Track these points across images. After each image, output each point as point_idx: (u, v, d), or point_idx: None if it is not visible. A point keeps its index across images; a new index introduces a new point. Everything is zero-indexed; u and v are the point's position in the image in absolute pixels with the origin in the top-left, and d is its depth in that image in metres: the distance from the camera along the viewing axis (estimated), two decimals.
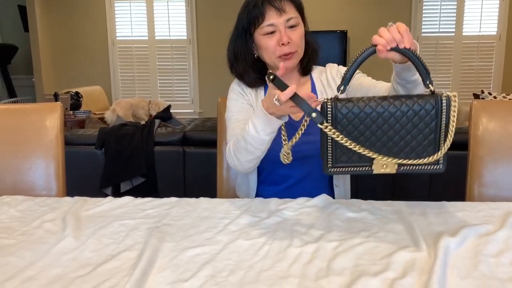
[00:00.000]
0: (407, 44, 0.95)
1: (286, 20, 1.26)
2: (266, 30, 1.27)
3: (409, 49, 0.96)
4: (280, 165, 1.32)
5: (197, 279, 0.77)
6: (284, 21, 1.26)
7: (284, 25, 1.26)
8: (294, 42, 1.27)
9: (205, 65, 5.97)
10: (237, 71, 1.38)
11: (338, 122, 0.98)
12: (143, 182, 2.57)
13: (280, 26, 1.26)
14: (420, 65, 0.97)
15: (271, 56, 1.30)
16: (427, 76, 0.97)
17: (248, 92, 1.39)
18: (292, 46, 1.27)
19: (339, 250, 0.87)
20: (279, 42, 1.26)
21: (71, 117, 4.38)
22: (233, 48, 1.36)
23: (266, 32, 1.27)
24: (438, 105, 0.94)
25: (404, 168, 0.97)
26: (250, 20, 1.29)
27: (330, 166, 1.01)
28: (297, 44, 1.28)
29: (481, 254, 0.84)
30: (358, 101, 0.97)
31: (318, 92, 1.38)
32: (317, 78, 1.41)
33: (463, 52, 5.70)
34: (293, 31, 1.27)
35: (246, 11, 1.30)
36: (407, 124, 0.96)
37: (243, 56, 1.35)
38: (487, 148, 1.35)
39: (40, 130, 1.45)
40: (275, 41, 1.27)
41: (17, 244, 0.93)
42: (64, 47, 6.04)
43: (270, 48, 1.28)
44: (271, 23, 1.26)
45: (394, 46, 0.96)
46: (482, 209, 1.07)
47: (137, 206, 1.15)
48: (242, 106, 1.36)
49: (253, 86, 1.39)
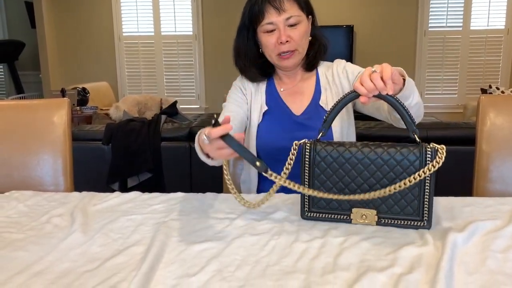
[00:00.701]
0: (390, 91, 0.92)
1: (286, 19, 1.26)
2: (266, 28, 1.28)
3: (394, 97, 0.93)
4: (280, 161, 1.32)
5: (204, 274, 0.77)
6: (283, 20, 1.26)
7: (283, 23, 1.26)
8: (293, 41, 1.27)
9: (211, 61, 5.97)
10: (239, 65, 1.40)
11: (316, 165, 0.97)
12: (149, 177, 2.58)
13: (280, 24, 1.26)
14: (404, 113, 0.93)
15: (271, 53, 1.31)
16: (412, 125, 0.93)
17: (249, 88, 1.41)
18: (292, 44, 1.27)
19: (345, 245, 0.87)
20: (278, 40, 1.27)
21: (78, 113, 4.40)
22: (236, 43, 1.38)
23: (266, 30, 1.28)
24: (422, 157, 0.91)
25: (385, 221, 0.94)
26: (251, 17, 1.30)
27: (306, 211, 1.00)
28: (297, 43, 1.28)
29: (488, 249, 0.83)
30: (338, 145, 0.96)
31: (322, 87, 1.38)
32: (322, 73, 1.40)
33: (470, 47, 5.65)
34: (293, 30, 1.27)
35: (248, 7, 1.31)
36: (388, 173, 0.93)
37: (244, 51, 1.37)
38: (494, 143, 1.35)
39: (47, 126, 1.46)
40: (275, 39, 1.27)
41: (25, 238, 0.94)
42: (70, 43, 6.06)
43: (270, 46, 1.29)
44: (271, 21, 1.26)
45: (376, 94, 0.93)
46: (490, 204, 1.07)
47: (144, 201, 1.16)
48: (237, 99, 1.40)
49: (254, 81, 1.41)
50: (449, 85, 5.79)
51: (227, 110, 1.38)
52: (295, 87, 1.40)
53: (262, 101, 1.39)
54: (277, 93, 1.40)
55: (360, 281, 0.73)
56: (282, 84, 1.41)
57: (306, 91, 1.39)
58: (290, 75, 1.40)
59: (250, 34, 1.34)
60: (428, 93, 5.82)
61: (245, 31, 1.34)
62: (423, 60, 5.71)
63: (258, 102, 1.39)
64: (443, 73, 5.76)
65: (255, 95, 1.40)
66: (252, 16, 1.29)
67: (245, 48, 1.36)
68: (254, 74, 1.39)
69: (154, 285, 0.74)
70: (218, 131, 0.83)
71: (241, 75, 1.43)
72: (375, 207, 0.95)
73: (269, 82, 1.42)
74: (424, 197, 0.92)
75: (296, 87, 1.40)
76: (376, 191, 0.91)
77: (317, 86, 1.39)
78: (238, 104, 1.39)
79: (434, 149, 0.91)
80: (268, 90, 1.41)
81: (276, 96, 1.40)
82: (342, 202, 0.97)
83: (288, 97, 1.39)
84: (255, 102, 1.39)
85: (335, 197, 0.92)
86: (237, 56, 1.39)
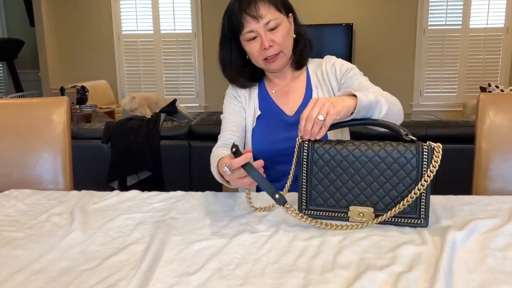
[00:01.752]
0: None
1: (265, 24, 1.25)
2: (247, 37, 1.28)
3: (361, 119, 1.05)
4: (279, 162, 1.32)
5: (203, 272, 0.77)
6: (262, 26, 1.25)
7: (263, 29, 1.26)
8: (277, 44, 1.27)
9: (210, 59, 5.96)
10: (227, 76, 1.41)
11: (314, 163, 0.97)
12: (149, 176, 2.58)
13: (260, 31, 1.26)
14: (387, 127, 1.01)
15: (257, 59, 1.31)
16: (399, 130, 0.96)
17: (242, 94, 1.42)
18: (275, 48, 1.28)
19: (344, 243, 0.87)
20: (262, 46, 1.26)
21: (77, 111, 4.39)
22: (221, 55, 1.38)
23: (248, 38, 1.28)
24: (419, 154, 0.91)
25: (382, 219, 0.94)
26: (231, 28, 1.29)
27: (304, 208, 1.00)
28: (281, 45, 1.28)
29: (488, 247, 0.83)
30: (336, 143, 0.97)
31: (313, 86, 1.37)
32: (313, 71, 1.40)
33: (470, 45, 5.65)
34: (274, 33, 1.27)
35: (226, 19, 1.30)
36: (385, 171, 0.93)
37: (229, 62, 1.37)
38: (494, 141, 1.35)
39: (47, 124, 1.46)
40: (258, 45, 1.27)
41: (25, 237, 0.94)
42: (70, 41, 6.05)
43: (255, 52, 1.29)
44: (251, 30, 1.26)
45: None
46: (489, 202, 1.07)
47: (143, 199, 1.16)
48: (234, 109, 1.41)
49: (245, 87, 1.42)
50: (449, 83, 5.79)
51: (226, 122, 1.38)
52: (286, 87, 1.40)
53: (255, 106, 1.39)
54: (268, 96, 1.40)
55: (360, 279, 0.73)
56: (273, 86, 1.41)
57: (297, 90, 1.39)
58: (279, 76, 1.40)
59: (233, 44, 1.34)
60: (428, 92, 5.82)
61: (228, 43, 1.35)
62: (422, 58, 5.71)
63: (252, 107, 1.39)
64: (443, 71, 5.76)
65: (248, 101, 1.41)
66: (231, 27, 1.29)
67: (229, 59, 1.36)
68: (243, 82, 1.40)
69: (154, 283, 0.74)
70: (239, 162, 0.91)
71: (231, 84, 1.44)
72: (372, 205, 0.95)
73: (260, 86, 1.42)
74: (421, 195, 0.92)
75: (287, 87, 1.40)
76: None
77: (308, 84, 1.38)
78: (236, 113, 1.40)
79: (431, 147, 0.91)
80: (260, 94, 1.41)
81: (268, 99, 1.40)
82: (340, 200, 0.97)
83: (280, 98, 1.39)
84: (248, 108, 1.40)
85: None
86: (223, 68, 1.40)
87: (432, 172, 0.90)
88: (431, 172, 0.90)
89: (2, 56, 6.20)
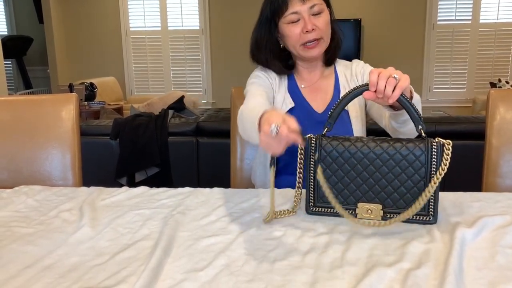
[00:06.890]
0: (391, 101, 0.92)
1: (310, 7, 1.25)
2: (290, 19, 1.27)
3: (402, 95, 0.93)
4: (297, 156, 1.32)
5: (212, 268, 0.77)
6: (307, 8, 1.25)
7: (308, 12, 1.25)
8: (319, 29, 1.27)
9: (218, 55, 5.97)
10: (260, 60, 1.38)
11: (322, 159, 0.97)
12: (157, 172, 2.59)
13: (304, 13, 1.25)
14: (412, 110, 0.94)
15: (295, 44, 1.29)
16: (419, 121, 0.93)
17: (273, 77, 1.39)
18: (317, 33, 1.27)
19: (352, 240, 0.86)
20: (304, 29, 1.26)
21: (86, 108, 4.42)
22: (256, 37, 1.36)
23: (290, 20, 1.27)
24: (428, 151, 0.90)
25: (390, 216, 0.93)
26: (274, 9, 1.28)
27: (311, 205, 0.99)
28: (323, 31, 1.28)
29: (498, 245, 0.83)
30: (344, 140, 0.96)
31: (341, 86, 1.37)
32: (341, 72, 1.40)
33: (480, 40, 5.59)
34: (317, 18, 1.27)
35: (269, 0, 1.29)
36: (393, 168, 0.92)
37: (266, 45, 1.35)
38: (504, 137, 1.33)
39: (56, 121, 1.47)
40: (300, 28, 1.26)
41: (35, 233, 0.95)
42: (78, 38, 6.08)
43: (295, 36, 1.28)
44: (295, 11, 1.26)
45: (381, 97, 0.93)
46: (499, 199, 1.06)
47: (152, 196, 1.16)
48: (261, 83, 1.35)
49: (280, 73, 1.39)
50: (458, 79, 5.74)
51: (258, 85, 1.31)
52: (315, 84, 1.39)
53: (286, 97, 1.36)
54: (298, 90, 1.39)
55: (368, 276, 0.72)
56: (303, 81, 1.40)
57: (326, 89, 1.38)
58: (310, 69, 1.39)
59: (272, 27, 1.32)
60: (437, 87, 5.78)
61: (267, 24, 1.32)
62: (432, 54, 5.66)
63: (282, 96, 1.36)
64: (452, 67, 5.71)
65: (278, 87, 1.37)
66: (274, 8, 1.28)
67: (266, 41, 1.34)
68: (278, 68, 1.37)
69: (163, 279, 0.74)
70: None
71: (261, 67, 1.40)
72: (380, 202, 0.95)
73: (289, 79, 1.41)
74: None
75: (316, 84, 1.39)
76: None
77: (336, 84, 1.38)
78: (266, 84, 1.35)
79: (440, 144, 0.90)
80: (290, 87, 1.39)
81: (298, 93, 1.38)
82: (348, 197, 0.96)
83: (309, 94, 1.38)
84: (278, 95, 1.37)
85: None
86: (257, 50, 1.36)
87: (443, 170, 0.89)
88: (442, 170, 0.89)
89: (11, 53, 6.24)
